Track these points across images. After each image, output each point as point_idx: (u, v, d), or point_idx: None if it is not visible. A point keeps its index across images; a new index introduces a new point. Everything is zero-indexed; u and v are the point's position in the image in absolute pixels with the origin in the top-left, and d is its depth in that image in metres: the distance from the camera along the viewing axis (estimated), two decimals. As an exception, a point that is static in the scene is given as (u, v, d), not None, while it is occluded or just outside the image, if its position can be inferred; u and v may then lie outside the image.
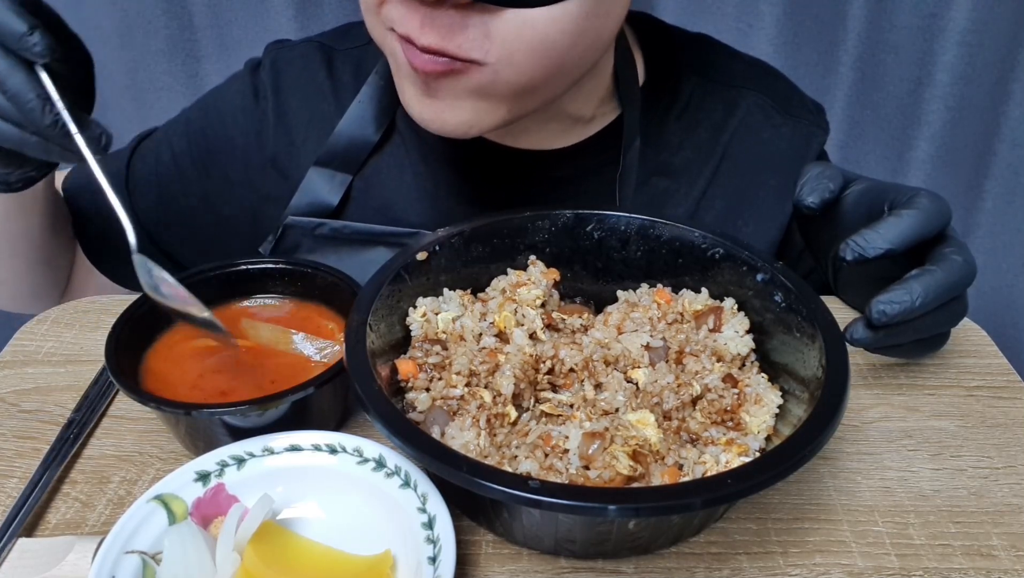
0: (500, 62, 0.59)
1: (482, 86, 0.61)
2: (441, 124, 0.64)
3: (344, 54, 0.84)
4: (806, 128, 0.83)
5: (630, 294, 0.68)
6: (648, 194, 0.80)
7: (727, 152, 0.82)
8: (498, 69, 0.60)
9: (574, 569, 0.53)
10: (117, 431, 0.64)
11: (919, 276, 0.57)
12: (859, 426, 0.65)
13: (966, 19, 1.40)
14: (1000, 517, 0.57)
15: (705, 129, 0.82)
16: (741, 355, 0.61)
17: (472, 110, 0.63)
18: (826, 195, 0.62)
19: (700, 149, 0.81)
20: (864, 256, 0.58)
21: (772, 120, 0.82)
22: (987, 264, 1.65)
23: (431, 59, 0.59)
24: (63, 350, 0.72)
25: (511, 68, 0.60)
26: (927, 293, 0.56)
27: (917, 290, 0.56)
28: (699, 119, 0.82)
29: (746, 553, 0.54)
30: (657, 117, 0.80)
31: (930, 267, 0.58)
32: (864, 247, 0.58)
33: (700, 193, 0.81)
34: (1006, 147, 1.54)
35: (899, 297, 0.56)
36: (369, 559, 0.51)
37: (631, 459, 0.51)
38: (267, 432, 0.56)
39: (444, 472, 0.45)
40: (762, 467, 0.45)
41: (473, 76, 0.60)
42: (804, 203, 0.62)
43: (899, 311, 0.56)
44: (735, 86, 0.83)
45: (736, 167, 0.82)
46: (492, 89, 0.62)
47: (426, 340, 0.60)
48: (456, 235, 0.65)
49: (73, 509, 0.57)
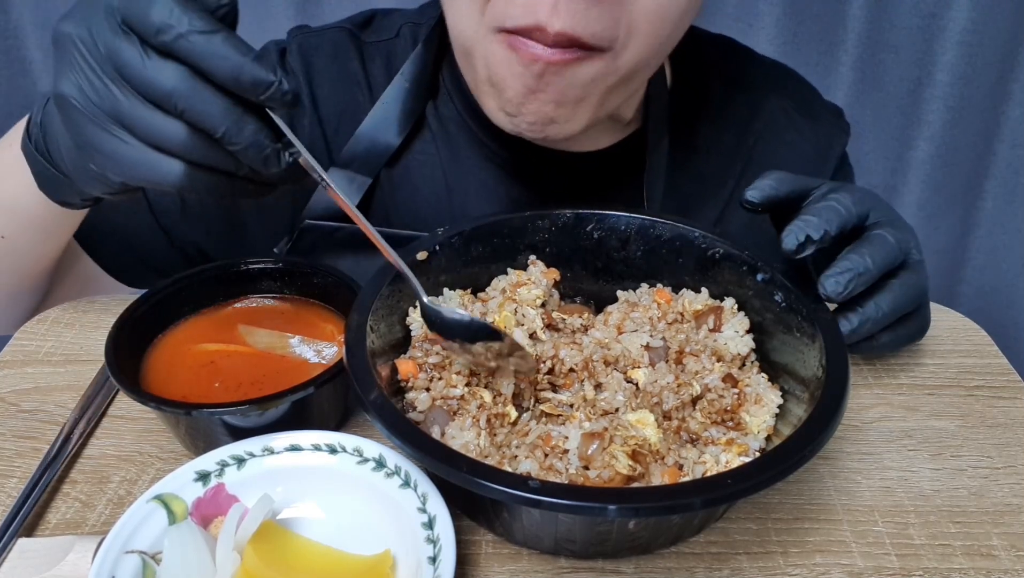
0: (623, 42, 0.60)
1: (594, 76, 0.61)
2: (543, 121, 0.63)
3: (372, 46, 0.82)
4: (828, 130, 0.85)
5: (630, 294, 0.68)
6: (677, 199, 0.80)
7: (752, 156, 0.83)
8: (618, 54, 0.61)
9: (574, 569, 0.53)
10: (117, 431, 0.64)
11: (847, 252, 0.59)
12: (859, 426, 0.65)
13: (966, 19, 1.40)
14: (1000, 517, 0.57)
15: (731, 134, 0.82)
16: (741, 355, 0.61)
17: (574, 107, 0.63)
18: (768, 192, 0.61)
19: (727, 154, 0.82)
20: (793, 251, 0.58)
21: (795, 123, 0.83)
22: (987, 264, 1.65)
23: (556, 51, 0.59)
24: (63, 350, 0.72)
25: (631, 51, 0.61)
26: (863, 260, 0.58)
27: (854, 260, 0.58)
28: (725, 124, 0.82)
29: (746, 553, 0.54)
30: (687, 122, 0.81)
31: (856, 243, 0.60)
32: (791, 242, 0.58)
33: (727, 197, 0.82)
34: (1006, 147, 1.54)
35: (843, 266, 0.57)
36: (369, 559, 0.51)
37: (631, 459, 0.51)
38: (267, 432, 0.56)
39: (444, 472, 0.45)
40: (762, 467, 0.45)
41: (591, 65, 0.61)
42: (744, 198, 0.62)
43: (847, 275, 0.57)
44: (758, 89, 0.84)
45: (762, 170, 0.82)
46: (602, 80, 0.62)
47: (426, 340, 0.60)
48: (456, 235, 0.65)
49: (73, 509, 0.57)
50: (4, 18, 1.39)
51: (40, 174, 0.60)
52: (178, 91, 0.46)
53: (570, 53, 0.59)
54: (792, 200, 0.62)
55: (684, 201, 0.81)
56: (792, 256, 0.58)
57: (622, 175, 0.79)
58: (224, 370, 0.62)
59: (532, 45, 0.59)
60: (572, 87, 0.62)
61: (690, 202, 0.81)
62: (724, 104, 0.82)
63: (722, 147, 0.82)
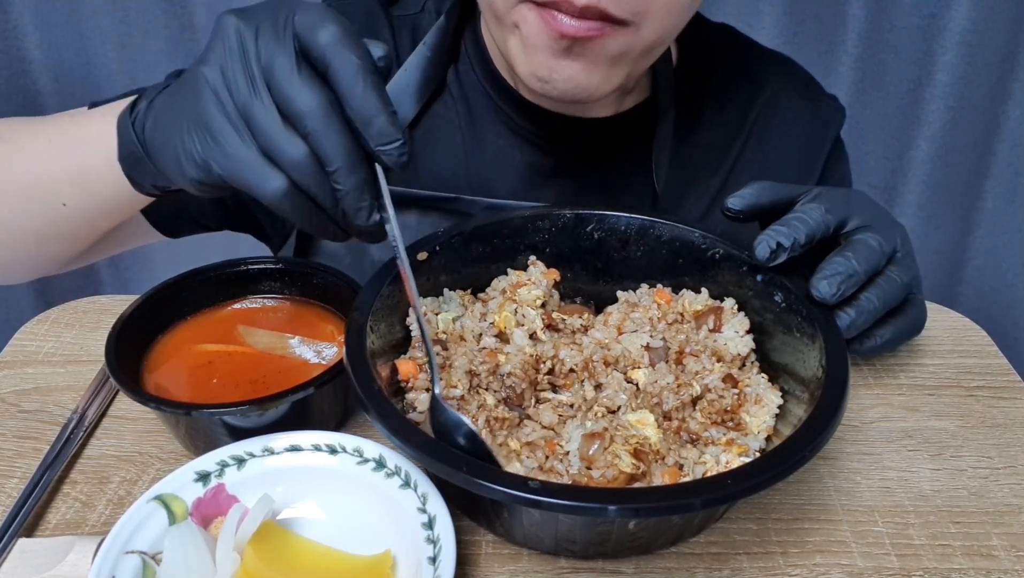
0: (645, 18, 0.62)
1: (621, 50, 0.64)
2: (574, 87, 0.66)
3: (399, 19, 0.85)
4: (825, 112, 0.89)
5: (630, 294, 0.68)
6: (682, 168, 0.84)
7: (753, 129, 0.86)
8: (640, 27, 0.63)
9: (574, 569, 0.53)
10: (117, 431, 0.64)
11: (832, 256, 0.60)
12: (859, 426, 0.65)
13: (966, 19, 1.40)
14: (1000, 517, 0.57)
15: (734, 108, 0.86)
16: (741, 355, 0.61)
17: (605, 75, 0.66)
18: (749, 200, 0.63)
19: (730, 125, 0.86)
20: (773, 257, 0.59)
21: (794, 102, 0.87)
22: (987, 264, 1.65)
23: (584, 24, 0.61)
24: (63, 350, 0.72)
25: (651, 25, 0.63)
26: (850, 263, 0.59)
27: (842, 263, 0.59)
28: (728, 99, 0.86)
29: (746, 553, 0.54)
30: (691, 97, 0.84)
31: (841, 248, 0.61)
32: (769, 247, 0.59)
33: (729, 168, 0.86)
34: (1006, 147, 1.54)
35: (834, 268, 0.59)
36: (369, 559, 0.51)
37: (633, 457, 0.51)
38: (267, 432, 0.56)
39: (444, 472, 0.45)
40: (762, 467, 0.45)
41: (617, 38, 0.63)
42: (725, 205, 0.63)
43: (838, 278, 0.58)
44: (759, 73, 0.88)
45: (762, 143, 0.87)
46: (628, 52, 0.65)
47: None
48: (456, 235, 0.65)
49: (73, 509, 0.57)
50: (4, 18, 1.39)
51: (126, 147, 0.59)
52: (313, 114, 0.47)
53: (596, 27, 0.61)
54: (779, 208, 0.63)
55: (689, 171, 0.84)
56: (765, 264, 0.60)
57: (631, 142, 0.83)
58: (224, 370, 0.62)
59: (560, 18, 0.61)
60: (600, 57, 0.65)
61: (695, 171, 0.85)
62: (726, 84, 0.86)
63: (725, 121, 0.86)
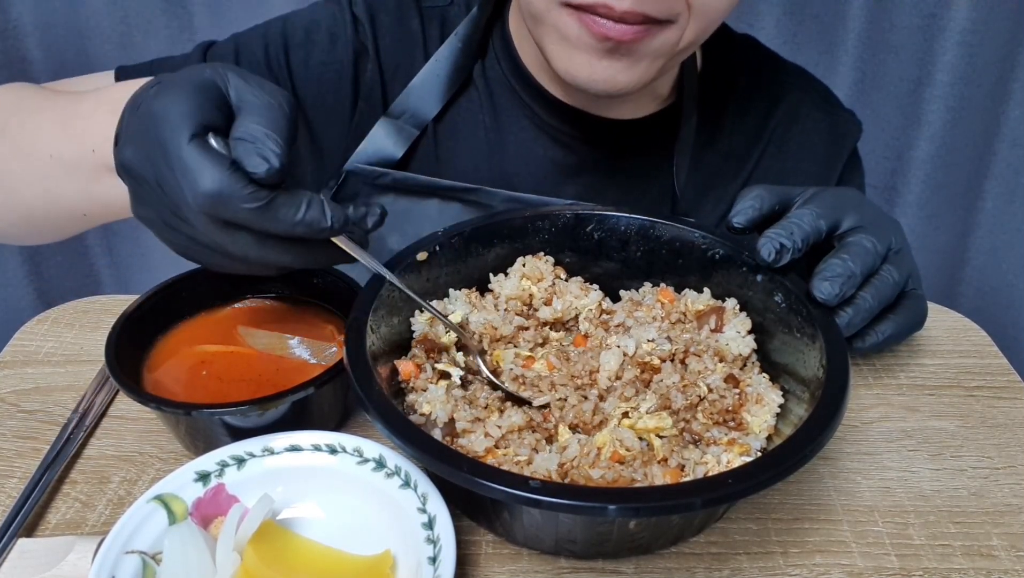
0: (686, 16, 0.62)
1: (663, 46, 0.65)
2: (612, 84, 0.67)
3: (429, 10, 0.85)
4: (843, 123, 0.90)
5: (633, 293, 0.68)
6: (702, 172, 0.85)
7: (772, 138, 0.87)
8: (683, 26, 0.63)
9: (574, 569, 0.53)
10: (117, 431, 0.64)
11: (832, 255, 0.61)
12: (859, 426, 0.65)
13: (966, 19, 1.40)
14: (1000, 517, 0.57)
15: (755, 116, 0.87)
16: (743, 355, 0.61)
17: (644, 69, 0.67)
18: (752, 214, 0.63)
19: (750, 134, 0.87)
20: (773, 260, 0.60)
21: (813, 114, 0.88)
22: (987, 264, 1.65)
23: (630, 29, 0.61)
24: (63, 350, 0.72)
25: (695, 23, 0.64)
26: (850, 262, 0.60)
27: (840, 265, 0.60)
28: (749, 107, 0.87)
29: (746, 553, 0.54)
30: (714, 104, 0.85)
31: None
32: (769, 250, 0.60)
33: (748, 175, 0.87)
34: (1006, 147, 1.53)
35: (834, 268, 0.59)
36: (369, 559, 0.51)
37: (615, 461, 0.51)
38: (267, 432, 0.56)
39: (444, 472, 0.45)
40: (762, 467, 0.45)
41: (661, 36, 0.64)
42: (730, 223, 0.63)
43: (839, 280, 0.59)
44: (780, 83, 0.89)
45: (780, 152, 0.88)
46: (669, 48, 0.65)
47: (425, 340, 0.60)
48: (456, 235, 0.65)
49: (73, 509, 0.57)
50: (4, 18, 1.39)
51: None
52: (249, 256, 0.51)
53: (641, 30, 0.62)
54: (777, 212, 0.64)
55: (709, 177, 0.85)
56: (771, 266, 0.60)
57: (653, 144, 0.84)
58: (224, 371, 0.62)
59: (601, 22, 0.62)
60: (642, 55, 0.65)
61: (715, 177, 0.86)
62: (748, 93, 0.87)
63: (745, 129, 0.87)
